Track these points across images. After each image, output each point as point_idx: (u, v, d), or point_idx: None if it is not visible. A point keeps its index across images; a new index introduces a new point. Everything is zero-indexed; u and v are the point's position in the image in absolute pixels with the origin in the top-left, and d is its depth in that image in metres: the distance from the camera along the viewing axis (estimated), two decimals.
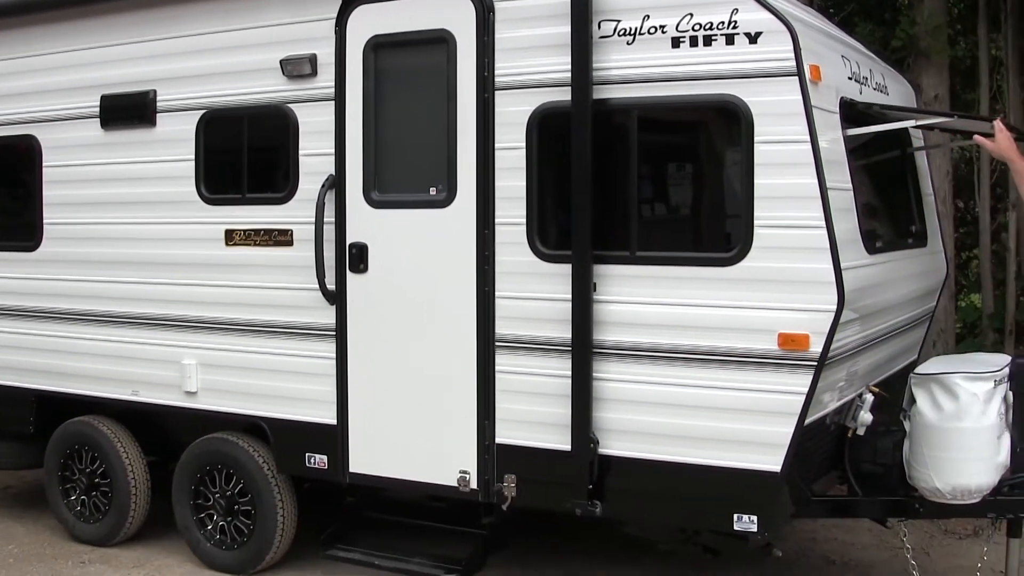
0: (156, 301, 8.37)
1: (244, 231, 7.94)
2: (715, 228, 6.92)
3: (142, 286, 8.44)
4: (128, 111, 8.45)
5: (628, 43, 6.60)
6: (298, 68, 7.64)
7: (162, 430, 8.87)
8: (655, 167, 6.93)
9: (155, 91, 8.32)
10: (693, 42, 6.43)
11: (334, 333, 7.57)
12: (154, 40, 8.33)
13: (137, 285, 8.46)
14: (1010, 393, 7.06)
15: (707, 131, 6.93)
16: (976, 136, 6.17)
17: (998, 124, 6.10)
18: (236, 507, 8.23)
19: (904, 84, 8.97)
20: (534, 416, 6.96)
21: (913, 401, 6.94)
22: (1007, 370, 6.95)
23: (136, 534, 8.94)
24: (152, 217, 8.38)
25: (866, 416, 7.08)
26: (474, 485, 7.15)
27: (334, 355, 7.59)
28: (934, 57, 11.72)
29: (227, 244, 8.02)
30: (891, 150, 8.31)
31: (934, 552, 8.70)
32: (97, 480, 8.93)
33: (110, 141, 8.58)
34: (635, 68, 6.59)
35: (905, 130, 8.05)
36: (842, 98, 6.83)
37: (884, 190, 8.34)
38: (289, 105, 7.73)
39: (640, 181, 6.74)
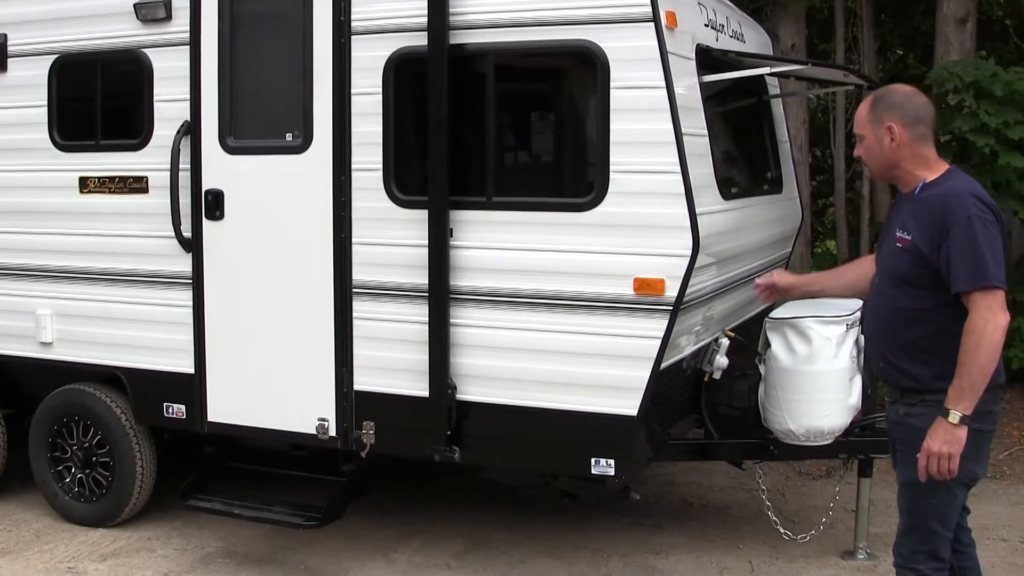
0: (9, 250, 8.21)
1: (99, 178, 7.80)
2: (571, 174, 6.95)
3: None
4: None
5: None
6: (152, 12, 7.51)
7: (17, 382, 8.69)
8: (512, 113, 6.93)
9: (5, 35, 8.13)
10: None
11: (191, 281, 7.48)
12: None
13: None
14: (862, 337, 7.18)
15: (564, 77, 6.94)
16: (756, 282, 6.34)
17: (761, 284, 6.30)
18: (94, 459, 8.13)
19: (761, 33, 9.04)
20: (392, 363, 6.94)
21: (768, 345, 7.06)
22: (859, 314, 7.08)
23: None
24: (3, 164, 8.20)
25: (722, 360, 7.18)
26: (333, 433, 7.13)
27: (191, 303, 7.50)
28: (791, 7, 11.88)
29: (81, 192, 7.88)
30: (747, 98, 8.40)
31: (789, 493, 8.85)
32: None
33: None
34: (492, 13, 6.58)
35: (761, 78, 8.14)
36: (698, 45, 6.88)
37: (740, 137, 8.43)
38: (144, 50, 7.59)
39: (497, 127, 6.74)
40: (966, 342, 4.81)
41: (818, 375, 6.90)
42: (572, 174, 6.94)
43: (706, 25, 7.21)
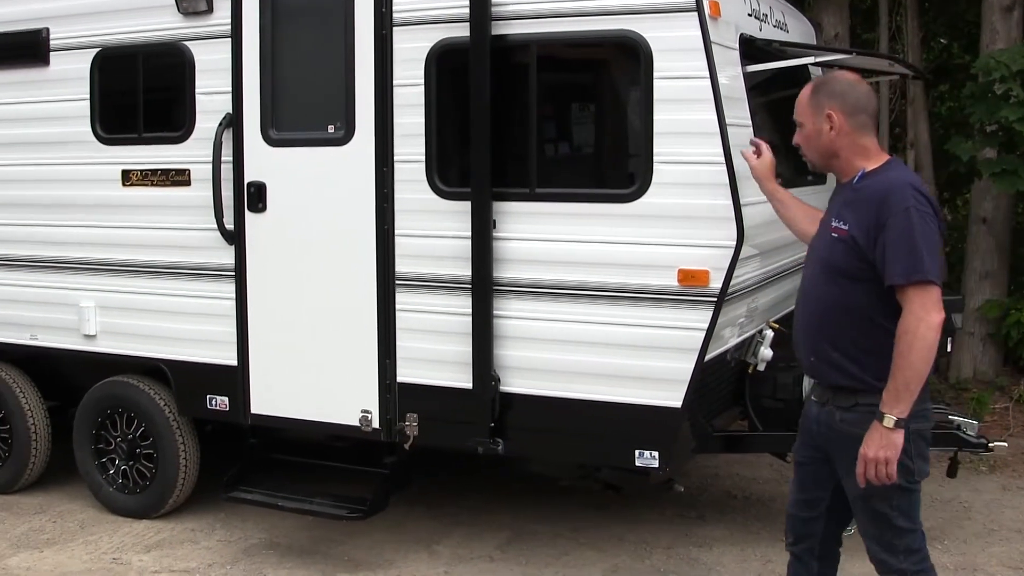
0: (53, 243, 8.25)
1: (141, 171, 7.83)
2: (615, 164, 6.93)
3: (38, 228, 8.32)
4: (20, 50, 8.29)
5: None
6: (193, 5, 7.52)
7: (62, 374, 8.78)
8: (555, 103, 6.91)
9: (48, 29, 8.17)
10: None
11: (233, 273, 7.50)
12: None
13: (33, 227, 8.34)
14: None
15: (607, 67, 6.91)
16: (742, 151, 6.13)
17: (762, 144, 6.07)
18: (138, 451, 8.16)
19: (804, 22, 8.99)
20: (435, 354, 6.94)
21: None
22: None
23: (37, 480, 8.88)
24: (47, 158, 8.24)
25: (766, 352, 7.14)
26: (376, 425, 7.14)
27: (233, 295, 7.52)
28: None
29: (124, 184, 7.90)
30: (791, 88, 8.32)
31: None
32: None
33: (2, 81, 8.41)
34: (534, 3, 6.56)
35: (805, 68, 8.07)
36: (742, 34, 6.85)
37: (783, 128, 8.34)
38: (185, 42, 7.61)
39: (540, 118, 6.72)
40: (899, 343, 4.71)
41: None
42: (615, 165, 6.92)
43: (749, 15, 7.18)
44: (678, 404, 6.38)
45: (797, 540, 5.47)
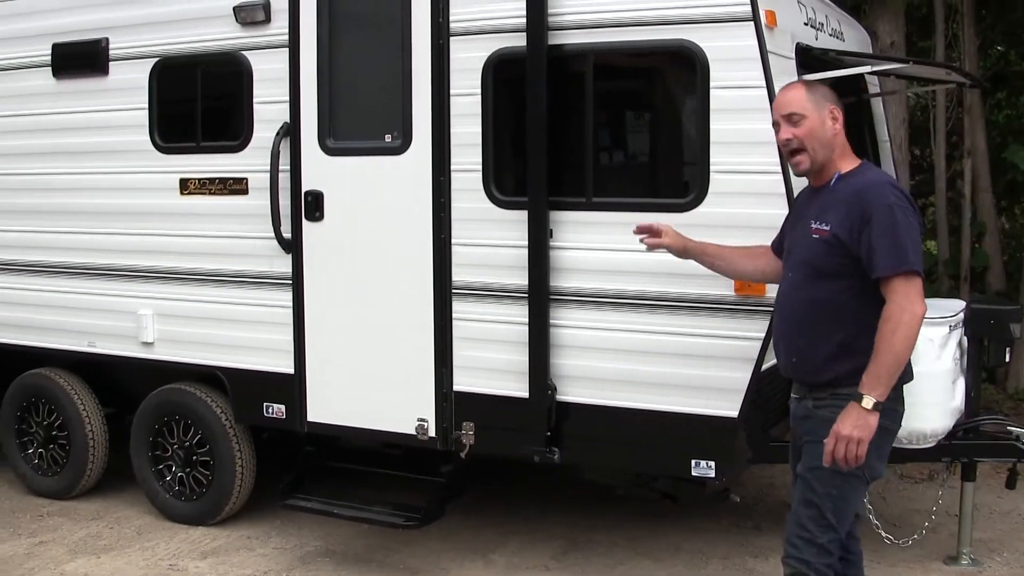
0: (111, 251, 8.32)
1: (199, 180, 7.88)
2: (671, 174, 6.93)
3: (97, 236, 8.38)
4: (80, 59, 8.36)
5: None
6: (252, 15, 7.57)
7: (119, 381, 8.86)
8: (611, 113, 6.92)
9: (107, 39, 8.23)
10: None
11: (290, 281, 7.53)
12: None
13: (92, 235, 8.41)
14: (965, 338, 7.12)
15: (663, 76, 6.91)
16: (643, 240, 5.90)
17: (652, 225, 5.95)
18: (194, 458, 8.21)
19: (860, 31, 8.95)
20: (492, 363, 6.96)
21: None
22: (962, 315, 7.01)
23: (95, 486, 8.94)
24: (106, 166, 8.31)
25: None
26: (432, 433, 7.15)
27: (291, 304, 7.55)
28: (890, 4, 11.71)
29: (182, 193, 7.96)
30: (847, 96, 8.29)
31: (890, 497, 8.75)
32: (54, 433, 8.91)
33: (62, 90, 8.49)
34: (591, 13, 6.56)
35: (861, 77, 8.06)
36: (798, 44, 6.82)
37: None
38: (243, 52, 7.66)
39: (596, 127, 6.73)
40: (883, 328, 4.79)
41: (921, 377, 6.78)
42: (671, 174, 6.91)
43: (805, 24, 7.15)
44: (735, 414, 6.36)
45: None
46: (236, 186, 7.73)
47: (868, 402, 4.77)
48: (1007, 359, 7.47)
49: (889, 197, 4.90)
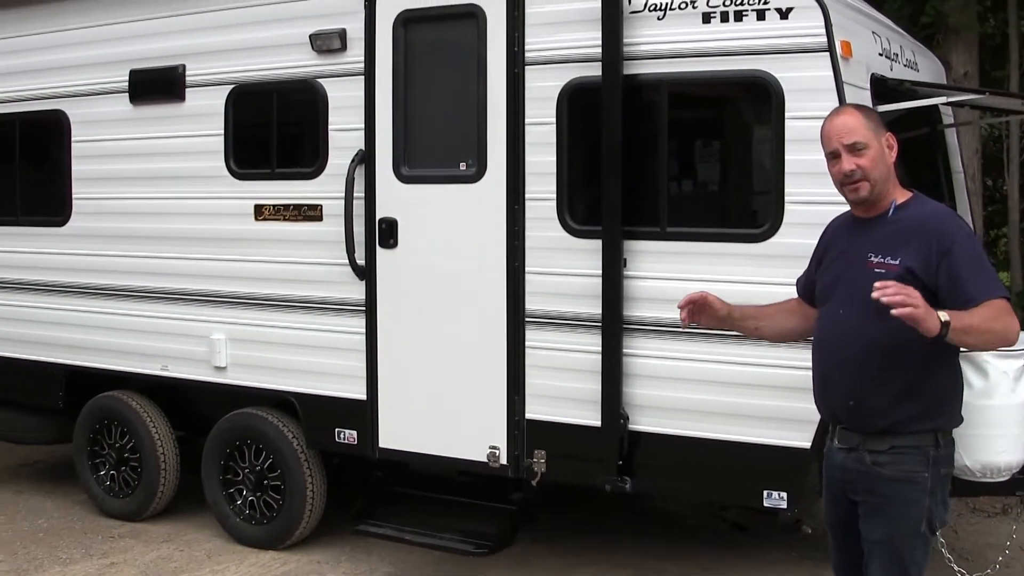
0: (185, 276, 8.40)
1: (273, 206, 7.94)
2: (745, 204, 6.92)
3: (171, 261, 8.47)
4: (157, 86, 8.46)
5: (659, 18, 6.58)
6: (327, 43, 7.63)
7: (192, 405, 8.93)
8: (685, 143, 6.93)
9: (184, 66, 8.33)
10: (724, 17, 6.41)
11: (364, 308, 7.58)
12: (183, 15, 8.35)
13: (166, 260, 8.50)
14: None
15: (738, 107, 6.91)
16: (683, 317, 5.55)
17: (693, 297, 5.67)
18: (265, 482, 8.25)
19: (934, 61, 8.92)
20: (564, 392, 6.96)
21: None
22: None
23: (165, 509, 9.00)
24: (181, 192, 8.40)
25: None
26: (504, 460, 7.16)
27: (364, 330, 7.59)
28: (963, 33, 11.67)
29: (256, 219, 8.03)
30: (921, 127, 8.27)
31: (962, 530, 8.67)
32: (126, 455, 8.97)
33: (139, 116, 8.59)
34: (665, 43, 6.58)
35: (935, 107, 8.02)
36: (873, 74, 6.81)
37: (915, 167, 8.29)
38: (319, 80, 7.73)
39: (670, 157, 6.74)
40: (987, 313, 4.56)
41: (994, 410, 6.72)
42: (746, 204, 6.91)
43: (880, 54, 7.14)
44: (807, 444, 6.32)
45: None
46: (311, 212, 7.78)
47: (944, 316, 4.46)
48: None
49: (964, 226, 4.81)
